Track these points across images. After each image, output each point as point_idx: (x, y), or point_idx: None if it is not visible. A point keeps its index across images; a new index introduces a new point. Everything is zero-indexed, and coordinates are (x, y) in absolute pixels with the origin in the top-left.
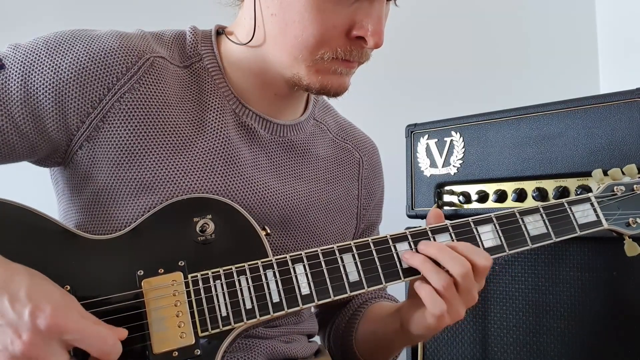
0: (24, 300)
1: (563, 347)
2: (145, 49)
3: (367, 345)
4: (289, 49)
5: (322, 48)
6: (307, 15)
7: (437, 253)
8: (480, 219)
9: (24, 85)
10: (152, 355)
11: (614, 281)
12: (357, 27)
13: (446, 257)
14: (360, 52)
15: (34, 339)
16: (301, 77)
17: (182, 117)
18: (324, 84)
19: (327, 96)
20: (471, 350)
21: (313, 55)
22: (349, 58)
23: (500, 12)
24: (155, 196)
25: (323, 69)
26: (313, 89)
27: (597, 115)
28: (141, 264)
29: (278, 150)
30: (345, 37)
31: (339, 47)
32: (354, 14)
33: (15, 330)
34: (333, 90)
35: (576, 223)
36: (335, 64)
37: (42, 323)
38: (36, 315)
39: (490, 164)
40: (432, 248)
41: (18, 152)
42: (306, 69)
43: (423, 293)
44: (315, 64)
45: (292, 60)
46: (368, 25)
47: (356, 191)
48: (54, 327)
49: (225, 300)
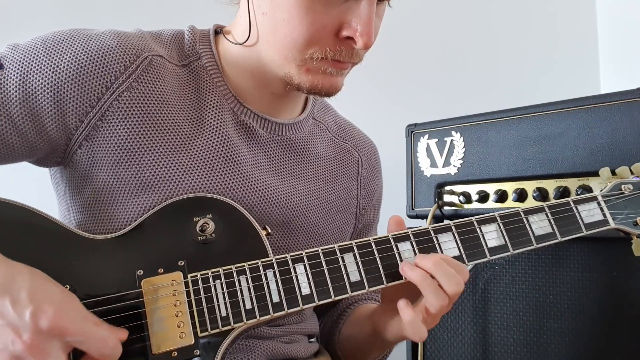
0: (25, 301)
1: (563, 347)
2: (144, 47)
3: (347, 348)
4: (279, 48)
5: (311, 48)
6: (296, 15)
7: (433, 268)
8: (484, 219)
9: (23, 85)
10: (152, 355)
11: (614, 281)
12: (346, 28)
13: (443, 273)
14: (351, 53)
15: (35, 340)
16: (292, 76)
17: (181, 116)
18: (314, 84)
19: (319, 96)
20: (471, 351)
21: (302, 54)
22: (339, 58)
23: (500, 12)
24: (155, 195)
25: (313, 68)
26: (304, 88)
27: (598, 115)
28: (141, 264)
29: (277, 149)
30: (335, 37)
31: (328, 47)
32: (343, 14)
33: (16, 331)
34: (324, 91)
35: (582, 222)
36: (325, 63)
37: (43, 324)
38: (38, 316)
39: (490, 164)
40: (429, 262)
41: (17, 152)
42: (296, 68)
43: (406, 318)
44: (304, 63)
45: (282, 59)
46: (357, 25)
47: (355, 191)
48: (55, 329)
49: (225, 300)
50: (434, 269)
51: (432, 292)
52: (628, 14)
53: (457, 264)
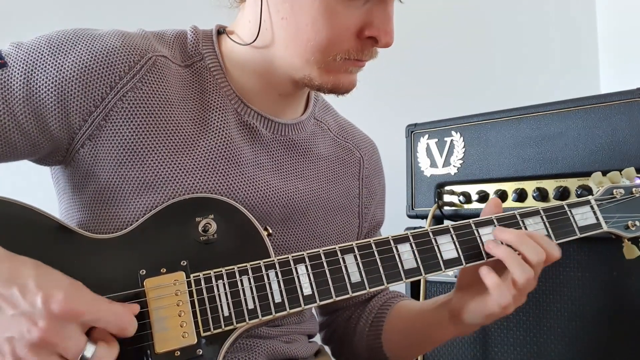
0: (34, 290)
1: (563, 347)
2: (148, 48)
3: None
4: (300, 52)
5: (334, 50)
6: (320, 19)
7: (515, 240)
8: (482, 221)
9: (27, 83)
10: (154, 354)
11: (614, 281)
12: (368, 28)
13: (526, 245)
14: (371, 51)
15: (50, 325)
16: (313, 78)
17: (184, 116)
18: (336, 84)
19: (337, 94)
20: (471, 350)
21: (325, 57)
22: (361, 57)
23: (500, 12)
24: (157, 195)
25: (335, 69)
26: (325, 88)
27: (598, 115)
28: (143, 264)
29: (279, 149)
30: (357, 37)
31: (350, 48)
32: (365, 15)
33: (30, 319)
34: (344, 89)
35: (576, 225)
36: (347, 64)
37: (56, 308)
38: (49, 302)
39: (490, 164)
40: (511, 235)
41: (20, 150)
42: (318, 70)
43: (490, 282)
44: (327, 65)
45: (303, 63)
46: (380, 25)
47: (357, 190)
48: (69, 311)
49: (228, 300)
50: (516, 242)
51: (517, 265)
52: (628, 14)
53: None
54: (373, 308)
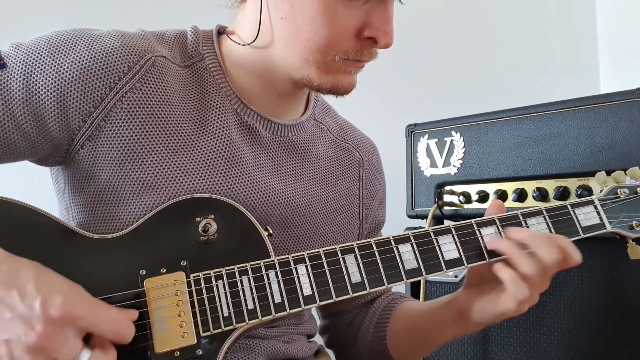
0: (33, 293)
1: (563, 347)
2: (147, 48)
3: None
4: (300, 52)
5: (333, 50)
6: (320, 19)
7: (529, 238)
8: (483, 221)
9: (26, 84)
10: (154, 355)
11: (614, 281)
12: (368, 28)
13: (540, 242)
14: (370, 52)
15: (47, 329)
16: (312, 78)
17: (184, 117)
18: (334, 84)
19: (336, 95)
20: (471, 350)
21: (325, 57)
22: (360, 58)
23: (500, 12)
24: (157, 195)
25: (334, 69)
26: (324, 89)
27: (598, 115)
28: (143, 264)
29: (279, 150)
30: (356, 38)
31: (349, 48)
32: (365, 15)
33: (27, 323)
34: (343, 89)
35: (579, 226)
36: (346, 64)
37: (54, 313)
38: (47, 306)
39: (490, 164)
40: (524, 233)
41: (19, 151)
42: (317, 70)
43: (506, 277)
44: (326, 65)
45: (302, 63)
46: (379, 25)
47: (357, 191)
48: (67, 316)
49: (227, 300)
50: (529, 240)
51: (523, 258)
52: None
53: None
54: (377, 309)
